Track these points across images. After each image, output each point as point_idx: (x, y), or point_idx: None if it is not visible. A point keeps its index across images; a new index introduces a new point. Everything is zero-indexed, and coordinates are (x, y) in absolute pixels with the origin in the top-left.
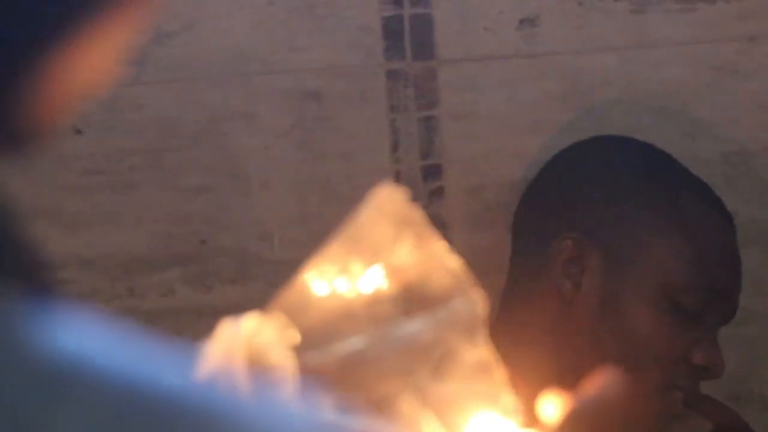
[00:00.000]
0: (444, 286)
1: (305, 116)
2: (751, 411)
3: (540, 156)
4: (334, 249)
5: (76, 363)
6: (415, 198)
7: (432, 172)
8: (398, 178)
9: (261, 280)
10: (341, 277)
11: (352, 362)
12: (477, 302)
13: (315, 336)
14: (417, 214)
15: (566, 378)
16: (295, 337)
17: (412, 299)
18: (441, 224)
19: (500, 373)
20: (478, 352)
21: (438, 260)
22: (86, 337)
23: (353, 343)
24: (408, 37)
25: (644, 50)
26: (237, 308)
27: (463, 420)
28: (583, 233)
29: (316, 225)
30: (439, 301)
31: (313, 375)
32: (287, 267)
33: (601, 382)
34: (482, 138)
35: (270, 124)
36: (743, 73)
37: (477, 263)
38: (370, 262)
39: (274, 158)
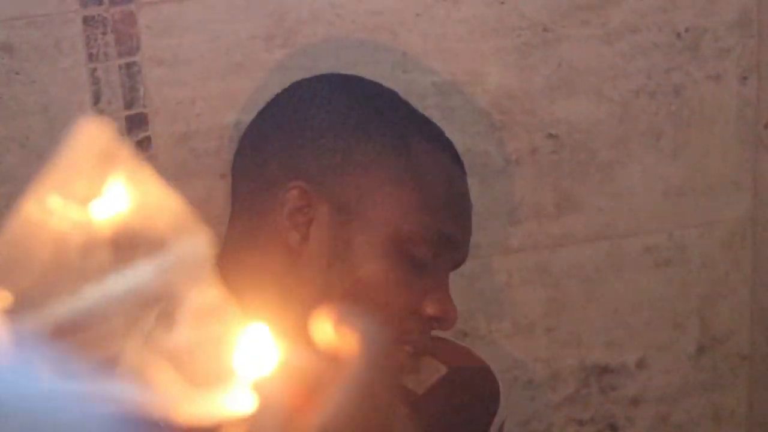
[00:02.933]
0: (163, 226)
1: None
2: (478, 347)
3: (251, 98)
4: (39, 195)
5: None
6: None
7: (137, 121)
8: None
9: None
10: (50, 226)
11: (73, 321)
12: (201, 242)
13: (27, 294)
14: (128, 150)
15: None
16: (5, 298)
17: (130, 244)
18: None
19: (235, 314)
20: (208, 294)
21: (155, 199)
22: None
23: (71, 300)
24: None
25: None
26: None
27: (202, 367)
28: (308, 181)
29: (16, 186)
30: (161, 244)
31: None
32: None
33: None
34: (187, 83)
35: None
36: (452, 1)
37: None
38: (80, 205)
39: None
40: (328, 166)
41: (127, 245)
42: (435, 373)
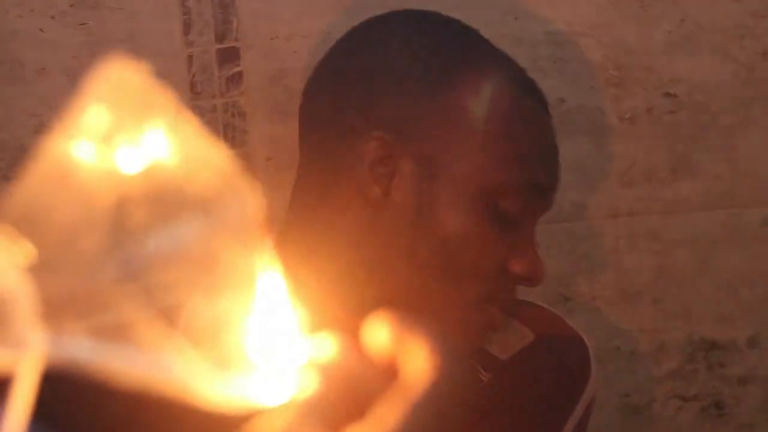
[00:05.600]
0: (208, 183)
1: None
2: (580, 313)
3: None
4: (68, 141)
5: None
6: (211, 85)
7: (228, 55)
8: (191, 64)
9: None
10: (79, 177)
11: (97, 284)
12: (250, 203)
13: (51, 251)
14: (170, 95)
15: (376, 289)
16: (30, 252)
17: (169, 201)
18: (239, 113)
19: (283, 285)
20: (254, 262)
21: (200, 152)
22: None
23: (99, 262)
24: None
25: None
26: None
27: (236, 341)
28: (389, 131)
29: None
30: (204, 203)
31: (52, 302)
32: None
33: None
34: (283, 18)
35: (43, 3)
36: None
37: (278, 156)
38: (113, 154)
39: (49, 42)
40: (410, 114)
41: (165, 202)
42: (522, 340)
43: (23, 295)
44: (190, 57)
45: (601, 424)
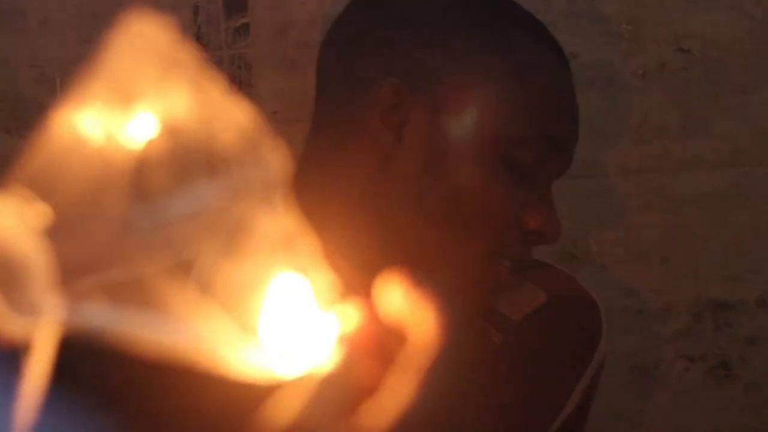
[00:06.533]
0: (231, 143)
1: None
2: (587, 271)
3: None
4: (87, 98)
5: None
6: (217, 36)
7: (235, 6)
8: (197, 14)
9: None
10: (95, 137)
11: (119, 243)
12: (273, 162)
13: (68, 211)
14: (192, 53)
15: (386, 242)
16: (45, 213)
17: (191, 160)
18: (246, 65)
19: (307, 243)
20: (278, 220)
21: (222, 111)
22: None
23: (118, 223)
24: None
25: None
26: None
27: (256, 308)
28: (403, 78)
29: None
30: (226, 163)
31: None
32: None
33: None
34: None
35: None
36: None
37: (286, 109)
38: (134, 115)
39: None
40: (425, 62)
41: (186, 162)
42: (534, 300)
43: (39, 260)
44: (195, 7)
45: (607, 384)
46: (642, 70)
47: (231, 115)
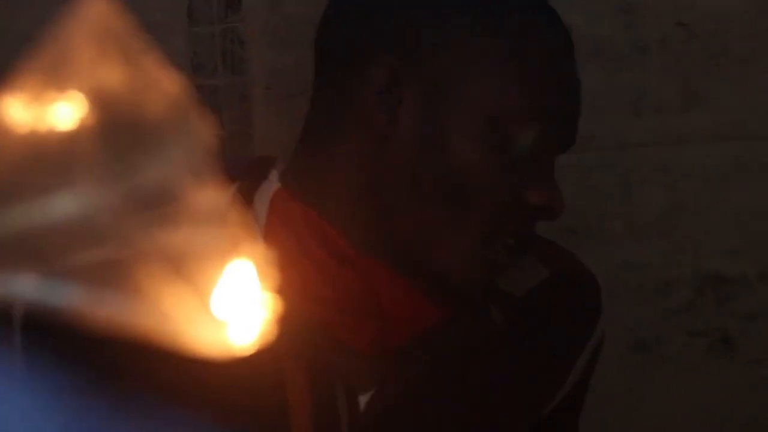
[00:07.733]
0: (164, 116)
1: None
2: (587, 246)
3: None
4: (23, 75)
5: None
6: (209, 10)
7: None
8: None
9: None
10: (31, 111)
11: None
12: (205, 135)
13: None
14: (127, 26)
15: (384, 224)
16: None
17: (124, 136)
18: (238, 41)
19: (239, 218)
20: (211, 195)
21: (156, 85)
22: None
23: (51, 203)
24: None
25: None
26: None
27: (203, 275)
28: (398, 57)
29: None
30: (160, 136)
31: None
32: None
33: None
34: None
35: None
36: None
37: (278, 85)
38: (67, 89)
39: None
40: (420, 39)
41: (120, 137)
42: (536, 276)
43: None
44: None
45: (607, 359)
46: (641, 43)
47: (162, 86)
